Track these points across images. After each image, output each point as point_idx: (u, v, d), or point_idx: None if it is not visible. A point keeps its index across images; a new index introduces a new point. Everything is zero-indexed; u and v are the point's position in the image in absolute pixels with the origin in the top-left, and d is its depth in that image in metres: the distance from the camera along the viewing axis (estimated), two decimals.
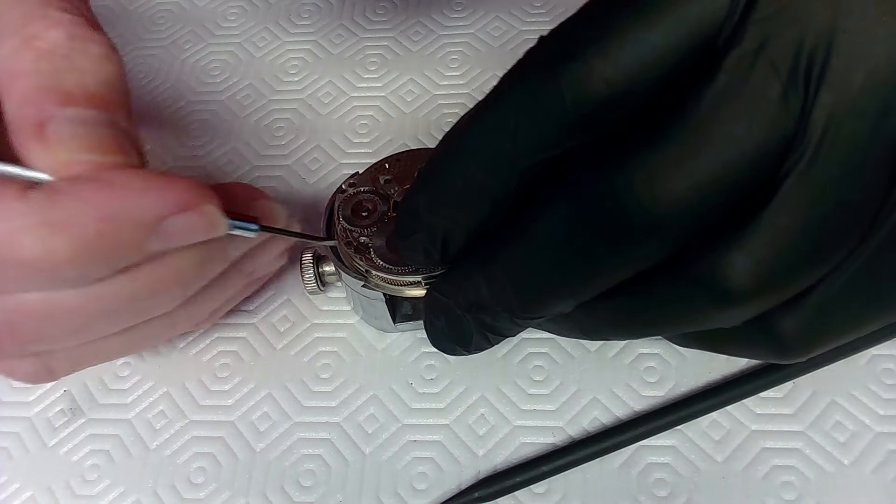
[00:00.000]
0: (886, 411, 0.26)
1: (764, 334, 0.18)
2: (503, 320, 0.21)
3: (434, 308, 0.23)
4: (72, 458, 0.28)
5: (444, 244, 0.20)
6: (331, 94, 0.37)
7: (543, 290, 0.19)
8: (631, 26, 0.16)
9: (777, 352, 0.19)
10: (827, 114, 0.15)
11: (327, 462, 0.27)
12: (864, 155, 0.15)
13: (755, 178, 0.16)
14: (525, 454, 0.26)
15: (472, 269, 0.20)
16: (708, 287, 0.17)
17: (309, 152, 0.35)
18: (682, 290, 0.18)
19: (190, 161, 0.35)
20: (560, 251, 0.18)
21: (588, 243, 0.17)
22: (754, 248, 0.16)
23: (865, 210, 0.16)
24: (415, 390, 0.28)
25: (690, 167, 0.16)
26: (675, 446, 0.26)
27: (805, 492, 0.25)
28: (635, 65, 0.16)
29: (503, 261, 0.19)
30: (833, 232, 0.16)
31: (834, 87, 0.15)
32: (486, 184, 0.18)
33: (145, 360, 0.30)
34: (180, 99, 0.38)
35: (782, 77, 0.15)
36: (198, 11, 0.41)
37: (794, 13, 0.15)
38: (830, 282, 0.17)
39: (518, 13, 0.38)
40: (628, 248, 0.17)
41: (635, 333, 0.21)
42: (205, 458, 0.27)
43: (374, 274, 0.26)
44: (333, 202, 0.28)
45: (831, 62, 0.15)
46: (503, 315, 0.20)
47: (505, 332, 0.22)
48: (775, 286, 0.17)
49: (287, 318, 0.30)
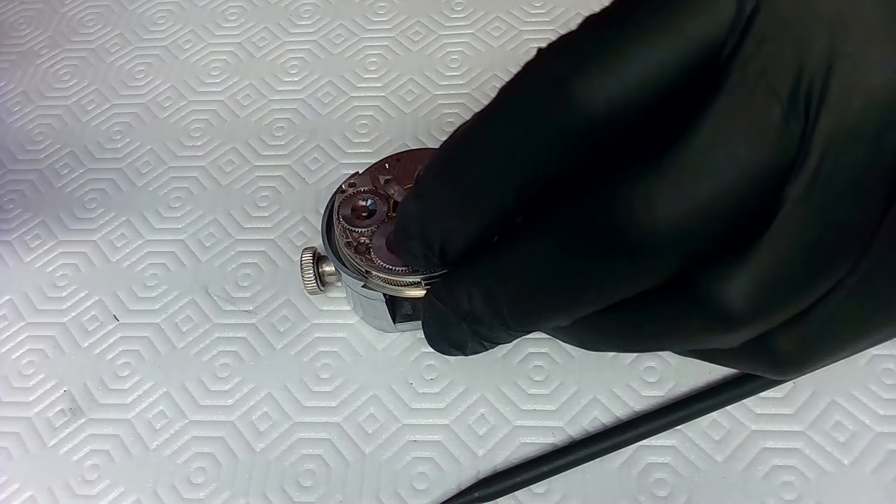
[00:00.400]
0: (886, 411, 0.26)
1: (761, 350, 0.18)
2: (497, 330, 0.21)
3: (431, 312, 0.23)
4: (72, 458, 0.28)
5: (441, 250, 0.20)
6: (331, 94, 0.37)
7: (538, 306, 0.19)
8: (633, 42, 0.16)
9: (774, 368, 0.19)
10: (826, 139, 0.15)
11: (327, 462, 0.27)
12: (862, 176, 0.15)
13: (756, 201, 0.16)
14: (525, 454, 0.26)
15: (468, 279, 0.21)
16: (706, 309, 0.17)
17: (309, 152, 0.35)
18: (680, 311, 0.18)
19: (190, 161, 0.35)
20: (556, 268, 0.18)
21: (585, 263, 0.17)
22: (754, 272, 0.16)
23: (864, 228, 0.16)
24: (415, 390, 0.28)
25: (690, 189, 0.15)
26: (675, 446, 0.26)
27: (805, 492, 0.25)
28: (638, 80, 0.16)
29: (499, 274, 0.19)
30: (833, 253, 0.16)
31: (833, 111, 0.15)
32: (483, 196, 0.18)
33: (145, 360, 0.30)
34: (180, 99, 0.38)
35: (783, 101, 0.15)
36: (198, 11, 0.41)
37: (795, 34, 0.15)
38: (828, 299, 0.17)
39: (518, 13, 0.38)
40: (625, 269, 0.17)
41: (632, 349, 0.21)
42: (205, 458, 0.27)
43: (374, 274, 0.26)
44: (333, 202, 0.28)
45: (830, 87, 0.15)
46: (497, 326, 0.21)
47: (500, 340, 0.22)
48: (774, 310, 0.17)
49: (287, 318, 0.30)
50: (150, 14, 0.41)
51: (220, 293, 0.31)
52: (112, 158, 0.36)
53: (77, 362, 0.30)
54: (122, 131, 0.37)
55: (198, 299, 0.31)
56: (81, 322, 0.31)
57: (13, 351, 0.31)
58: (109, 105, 0.38)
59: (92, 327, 0.31)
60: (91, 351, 0.30)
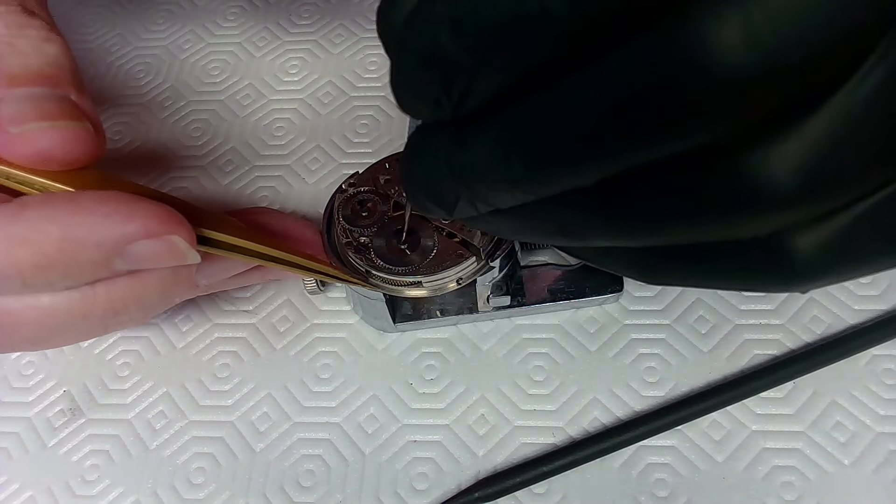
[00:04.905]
0: (887, 411, 0.26)
1: (777, 253, 0.16)
2: (500, 189, 0.17)
3: (416, 153, 0.19)
4: (71, 459, 0.28)
5: (462, 94, 0.16)
6: (331, 94, 0.37)
7: (566, 154, 0.16)
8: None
9: (785, 274, 0.17)
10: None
11: (327, 462, 0.27)
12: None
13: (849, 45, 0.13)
14: (525, 454, 0.26)
15: (482, 129, 0.17)
16: (749, 182, 0.14)
17: (309, 152, 0.35)
18: (719, 183, 0.15)
19: (190, 161, 0.35)
20: (600, 109, 0.15)
21: (638, 101, 0.14)
22: (811, 141, 0.14)
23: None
24: (415, 390, 0.28)
25: (778, 16, 0.13)
26: (675, 446, 0.26)
27: (805, 492, 0.25)
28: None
29: (524, 120, 0.16)
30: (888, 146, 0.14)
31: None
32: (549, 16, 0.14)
33: (145, 360, 0.30)
34: (180, 99, 0.38)
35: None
36: (198, 11, 0.41)
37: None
38: (859, 205, 0.15)
39: None
40: (685, 112, 0.14)
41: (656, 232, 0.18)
42: (204, 459, 0.27)
43: (374, 274, 0.26)
44: (333, 202, 0.28)
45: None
46: (502, 183, 0.17)
47: (498, 203, 0.18)
48: (823, 191, 0.14)
49: (287, 318, 0.30)
50: (150, 14, 0.41)
51: (220, 293, 0.31)
52: (112, 159, 0.36)
53: (77, 362, 0.30)
54: (122, 131, 0.37)
55: (198, 299, 0.31)
56: None
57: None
58: (109, 105, 0.38)
59: None
60: (91, 351, 0.30)
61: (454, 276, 0.26)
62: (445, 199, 0.19)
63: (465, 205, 0.19)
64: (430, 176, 0.19)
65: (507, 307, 0.29)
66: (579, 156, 0.16)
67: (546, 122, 0.16)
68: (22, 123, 0.20)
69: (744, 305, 0.29)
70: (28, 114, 0.21)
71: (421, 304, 0.29)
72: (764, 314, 0.29)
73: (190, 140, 0.36)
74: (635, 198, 0.17)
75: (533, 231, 0.19)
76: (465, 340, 0.29)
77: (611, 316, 0.29)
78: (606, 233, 0.18)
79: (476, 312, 0.29)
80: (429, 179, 0.19)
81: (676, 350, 0.28)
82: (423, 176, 0.19)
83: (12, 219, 0.20)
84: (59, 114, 0.21)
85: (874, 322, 0.28)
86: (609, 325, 0.29)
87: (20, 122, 0.20)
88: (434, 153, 0.18)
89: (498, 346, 0.29)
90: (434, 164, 0.18)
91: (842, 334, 0.28)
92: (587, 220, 0.18)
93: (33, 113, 0.21)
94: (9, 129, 0.20)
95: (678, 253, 0.19)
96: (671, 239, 0.18)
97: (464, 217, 0.20)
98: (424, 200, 0.20)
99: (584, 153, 0.16)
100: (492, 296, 0.28)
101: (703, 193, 0.15)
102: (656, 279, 0.20)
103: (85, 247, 0.20)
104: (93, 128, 0.22)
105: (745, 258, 0.17)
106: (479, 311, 0.29)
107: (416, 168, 0.19)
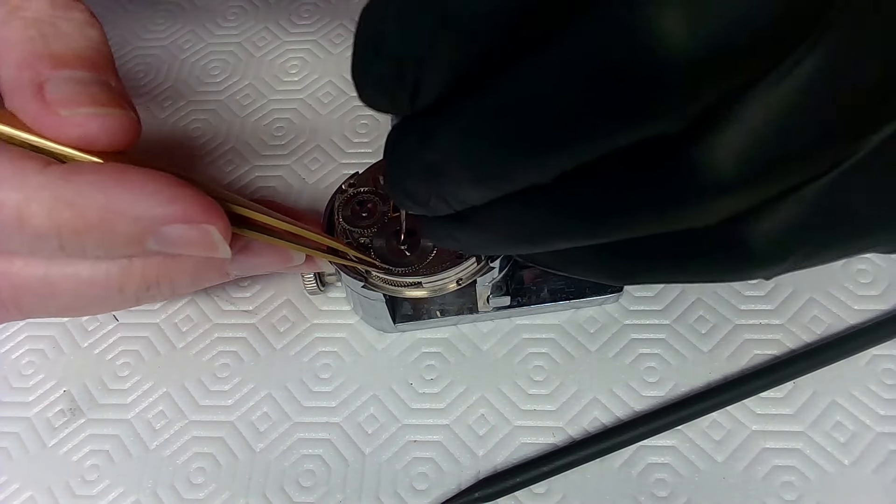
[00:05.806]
0: (887, 411, 0.26)
1: (730, 241, 0.17)
2: (465, 186, 0.18)
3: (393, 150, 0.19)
4: (71, 459, 0.28)
5: (415, 85, 0.16)
6: (331, 94, 0.37)
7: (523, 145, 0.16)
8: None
9: (743, 262, 0.17)
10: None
11: (327, 462, 0.27)
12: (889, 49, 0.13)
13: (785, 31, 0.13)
14: (525, 454, 0.26)
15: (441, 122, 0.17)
16: (695, 171, 0.15)
17: (309, 152, 0.35)
18: (669, 174, 0.15)
19: (190, 161, 0.35)
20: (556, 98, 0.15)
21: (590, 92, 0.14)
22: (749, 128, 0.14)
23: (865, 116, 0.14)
24: (415, 390, 0.28)
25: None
26: (675, 446, 0.26)
27: (805, 492, 0.25)
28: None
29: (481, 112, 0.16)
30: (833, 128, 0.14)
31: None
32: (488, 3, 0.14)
33: (145, 360, 0.30)
34: (180, 99, 0.38)
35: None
36: (198, 11, 0.41)
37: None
38: (805, 189, 0.15)
39: None
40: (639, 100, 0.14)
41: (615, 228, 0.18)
42: (204, 459, 0.27)
43: (374, 274, 0.26)
44: (333, 202, 0.28)
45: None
46: (467, 179, 0.17)
47: (467, 199, 0.18)
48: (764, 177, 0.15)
49: (287, 318, 0.30)
50: (150, 14, 0.41)
51: (220, 293, 0.31)
52: None
53: (77, 362, 0.30)
54: None
55: (198, 299, 0.31)
56: (81, 322, 0.31)
57: (13, 351, 0.31)
58: None
59: (91, 327, 0.31)
60: (91, 351, 0.30)
61: (454, 276, 0.26)
62: (419, 197, 0.19)
63: (437, 202, 0.19)
64: (403, 173, 0.19)
65: (507, 307, 0.29)
66: (535, 146, 0.16)
67: (499, 113, 0.16)
68: (72, 107, 0.21)
69: (744, 305, 0.29)
70: (79, 98, 0.21)
71: (421, 305, 0.29)
72: (764, 314, 0.29)
73: (190, 140, 0.36)
74: (593, 193, 0.17)
75: (501, 241, 0.20)
76: (465, 340, 0.29)
77: (611, 316, 0.29)
78: (567, 232, 0.18)
79: (476, 312, 0.29)
80: (402, 176, 0.19)
81: (676, 350, 0.28)
82: (397, 173, 0.19)
83: (62, 181, 0.20)
84: (107, 101, 0.22)
85: (874, 322, 0.28)
86: (609, 325, 0.29)
87: (70, 106, 0.21)
88: (407, 149, 0.18)
89: (498, 346, 0.29)
90: (406, 161, 0.19)
91: (842, 334, 0.28)
92: (550, 221, 0.18)
93: (84, 98, 0.21)
94: (59, 111, 0.21)
95: (642, 251, 0.19)
96: (629, 233, 0.18)
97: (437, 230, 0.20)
98: (403, 198, 0.20)
99: (539, 143, 0.16)
100: (492, 296, 0.28)
101: (655, 185, 0.16)
102: (626, 279, 0.21)
103: (125, 218, 0.20)
104: (132, 112, 0.22)
105: (704, 249, 0.17)
106: (479, 312, 0.29)
107: (392, 165, 0.20)
